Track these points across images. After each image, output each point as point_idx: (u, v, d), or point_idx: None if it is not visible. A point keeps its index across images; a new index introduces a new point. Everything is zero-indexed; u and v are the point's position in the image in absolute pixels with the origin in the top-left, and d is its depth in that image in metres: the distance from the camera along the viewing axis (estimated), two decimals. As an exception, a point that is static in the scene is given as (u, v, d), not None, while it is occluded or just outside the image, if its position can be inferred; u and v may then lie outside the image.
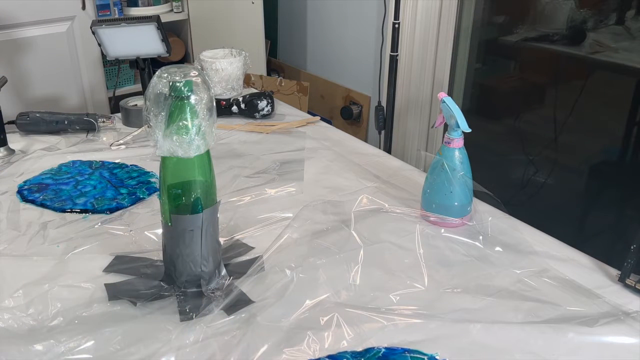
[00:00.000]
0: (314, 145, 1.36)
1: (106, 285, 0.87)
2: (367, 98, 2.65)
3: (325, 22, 2.80)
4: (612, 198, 2.19)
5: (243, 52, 1.60)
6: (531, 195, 2.27)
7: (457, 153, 1.00)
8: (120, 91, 2.55)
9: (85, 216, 1.06)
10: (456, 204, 1.01)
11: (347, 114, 2.71)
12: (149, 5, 2.76)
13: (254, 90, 1.61)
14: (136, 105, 1.48)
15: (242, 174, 1.22)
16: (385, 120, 2.26)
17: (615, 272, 0.91)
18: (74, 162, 1.25)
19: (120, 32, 1.39)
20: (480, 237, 0.99)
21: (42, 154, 1.29)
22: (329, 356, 0.75)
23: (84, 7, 2.33)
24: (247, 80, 2.52)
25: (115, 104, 1.67)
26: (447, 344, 0.77)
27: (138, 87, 2.64)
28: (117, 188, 1.15)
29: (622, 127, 2.11)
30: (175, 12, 2.78)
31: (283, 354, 0.75)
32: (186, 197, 0.82)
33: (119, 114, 1.49)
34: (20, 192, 1.14)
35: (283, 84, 2.69)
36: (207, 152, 0.81)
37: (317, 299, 0.84)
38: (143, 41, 1.41)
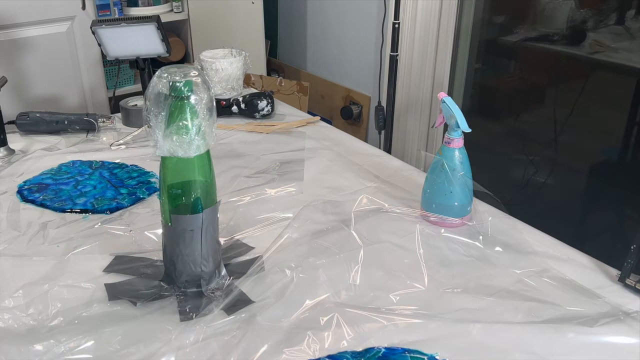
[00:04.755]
0: (314, 145, 1.36)
1: (106, 285, 0.87)
2: (367, 98, 2.66)
3: (325, 22, 2.80)
4: (612, 198, 2.19)
5: (243, 52, 1.60)
6: (531, 195, 2.27)
7: (457, 153, 1.00)
8: (120, 91, 2.55)
9: (85, 216, 1.06)
10: (456, 204, 1.01)
11: (347, 114, 2.71)
12: (149, 5, 2.76)
13: (254, 90, 1.61)
14: (136, 105, 1.48)
15: (242, 174, 1.22)
16: (385, 120, 2.27)
17: (615, 272, 0.91)
18: (74, 162, 1.25)
19: (120, 32, 1.39)
20: (480, 237, 0.99)
21: (42, 154, 1.29)
22: (329, 356, 0.75)
23: (84, 7, 2.33)
24: (247, 80, 2.52)
25: (115, 104, 1.67)
26: (447, 344, 0.77)
27: (138, 87, 2.64)
28: (117, 188, 1.15)
29: (622, 127, 2.11)
30: (175, 12, 2.78)
31: (283, 354, 0.75)
32: (186, 197, 0.82)
33: (119, 114, 1.49)
34: (20, 192, 1.14)
35: (283, 84, 2.69)
36: (207, 152, 0.81)
37: (317, 299, 0.84)
38: (143, 41, 1.41)
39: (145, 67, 1.46)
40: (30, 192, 1.13)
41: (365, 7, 2.53)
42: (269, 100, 1.49)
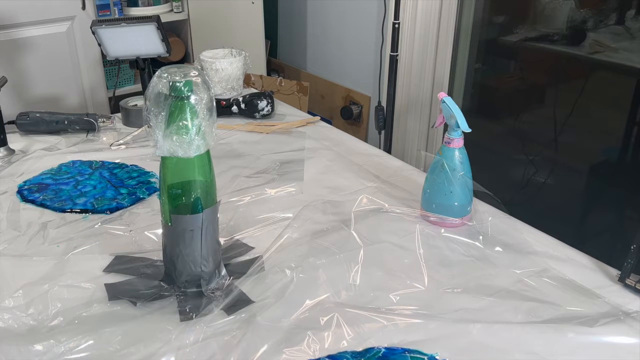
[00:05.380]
0: (314, 145, 1.36)
1: (106, 285, 0.87)
2: (367, 98, 2.66)
3: (325, 22, 2.80)
4: (612, 198, 2.19)
5: (243, 52, 1.60)
6: (531, 195, 2.27)
7: (457, 153, 1.00)
8: (120, 91, 2.55)
9: (85, 216, 1.06)
10: (456, 204, 1.01)
11: (347, 114, 2.71)
12: (149, 5, 2.76)
13: (254, 90, 1.61)
14: (136, 105, 1.48)
15: (242, 174, 1.22)
16: (385, 120, 2.26)
17: (615, 272, 0.91)
18: (74, 162, 1.25)
19: (120, 32, 1.39)
20: (480, 237, 0.99)
21: (42, 154, 1.29)
22: (329, 356, 0.75)
23: (84, 7, 2.33)
24: (247, 80, 2.52)
25: (115, 104, 1.67)
26: (447, 344, 0.77)
27: (138, 87, 2.64)
28: (117, 188, 1.15)
29: (622, 127, 2.11)
30: (175, 12, 2.78)
31: (283, 354, 0.75)
32: (186, 197, 0.82)
33: (119, 114, 1.49)
34: (20, 192, 1.14)
35: (283, 84, 2.69)
36: (207, 152, 0.81)
37: (317, 299, 0.84)
38: (143, 41, 1.41)
39: (145, 67, 1.46)
40: (30, 192, 1.13)
41: (365, 7, 2.53)
42: (269, 100, 1.49)
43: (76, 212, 1.07)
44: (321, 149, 1.34)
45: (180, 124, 0.76)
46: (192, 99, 0.76)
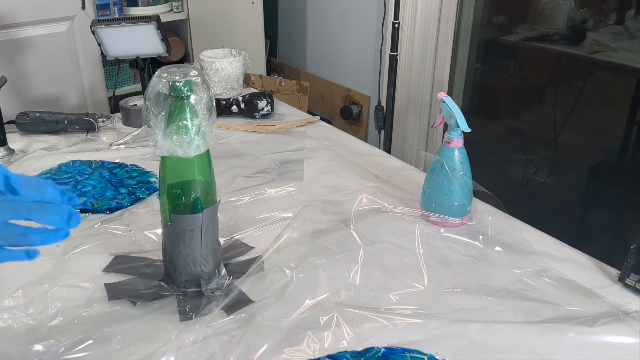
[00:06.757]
0: (314, 145, 1.36)
1: (106, 285, 0.87)
2: (367, 98, 2.66)
3: (325, 22, 2.80)
4: (612, 198, 2.19)
5: (243, 52, 1.60)
6: (531, 195, 2.27)
7: (457, 153, 1.00)
8: (120, 91, 2.55)
9: (85, 216, 1.06)
10: (456, 204, 1.01)
11: (347, 114, 2.71)
12: (149, 5, 2.76)
13: (254, 90, 1.61)
14: (136, 105, 1.48)
15: (242, 174, 1.22)
16: (385, 120, 2.27)
17: (615, 272, 0.91)
18: (74, 162, 1.25)
19: (120, 32, 1.39)
20: (480, 237, 0.99)
21: (42, 154, 1.29)
22: (329, 356, 0.75)
23: (84, 7, 2.33)
24: (247, 80, 2.52)
25: (115, 104, 1.67)
26: (447, 344, 0.77)
27: (138, 87, 2.64)
28: (117, 188, 1.15)
29: (622, 127, 2.11)
30: (175, 12, 2.78)
31: (283, 354, 0.75)
32: (186, 197, 0.82)
33: (119, 114, 1.49)
34: (20, 192, 1.13)
35: (283, 84, 2.69)
36: (207, 152, 0.81)
37: (317, 299, 0.84)
38: (143, 41, 1.41)
39: (145, 67, 1.46)
40: (30, 192, 1.13)
41: (365, 7, 2.53)
42: (269, 100, 1.49)
43: (76, 212, 1.07)
44: (321, 149, 1.34)
45: (180, 124, 0.76)
46: (192, 99, 0.77)
